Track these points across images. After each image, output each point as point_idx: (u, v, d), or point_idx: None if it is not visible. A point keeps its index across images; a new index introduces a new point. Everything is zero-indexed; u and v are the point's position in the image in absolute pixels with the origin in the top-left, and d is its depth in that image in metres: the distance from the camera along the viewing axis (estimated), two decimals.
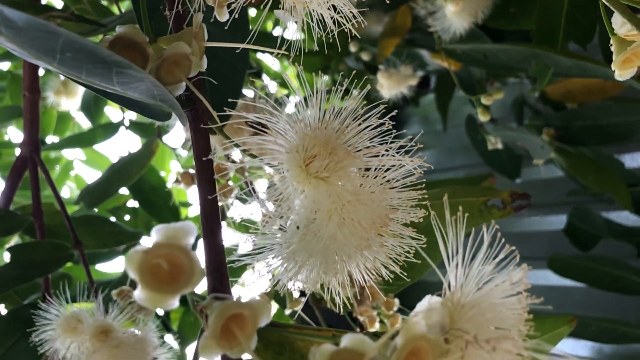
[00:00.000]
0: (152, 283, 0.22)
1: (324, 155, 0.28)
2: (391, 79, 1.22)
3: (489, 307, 0.25)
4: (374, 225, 0.29)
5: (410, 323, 0.24)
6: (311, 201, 0.30)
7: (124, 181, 1.12)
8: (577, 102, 1.33)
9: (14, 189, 0.98)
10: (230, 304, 0.24)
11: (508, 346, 0.24)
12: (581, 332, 1.38)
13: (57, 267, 0.86)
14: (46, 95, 1.60)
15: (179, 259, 0.23)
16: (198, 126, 0.34)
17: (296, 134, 0.29)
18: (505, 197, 0.59)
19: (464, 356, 0.23)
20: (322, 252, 0.30)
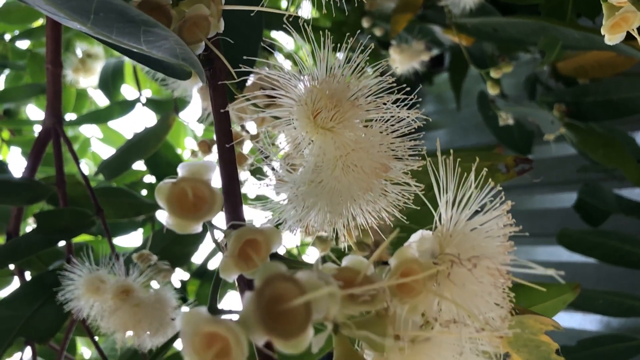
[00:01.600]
0: (178, 211, 0.25)
1: (330, 107, 0.31)
2: (403, 54, 1.24)
3: (474, 236, 0.28)
4: (375, 171, 0.32)
5: (403, 248, 0.27)
6: (319, 149, 0.33)
7: (141, 154, 1.16)
8: (589, 77, 1.33)
9: (38, 160, 1.02)
10: (246, 230, 0.27)
11: (487, 263, 0.26)
12: (590, 306, 1.40)
13: (79, 232, 0.90)
14: (65, 73, 1.64)
15: (201, 191, 0.26)
16: (216, 83, 0.37)
17: (304, 88, 0.32)
18: (509, 162, 0.62)
19: (450, 274, 0.26)
20: (328, 195, 0.33)
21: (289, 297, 0.19)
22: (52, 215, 0.91)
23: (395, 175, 0.33)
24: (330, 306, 0.21)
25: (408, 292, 0.26)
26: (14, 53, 1.79)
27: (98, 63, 1.71)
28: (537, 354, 0.47)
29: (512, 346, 0.47)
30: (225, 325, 0.19)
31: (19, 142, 1.81)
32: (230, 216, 0.32)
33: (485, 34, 1.00)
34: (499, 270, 0.26)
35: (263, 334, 0.19)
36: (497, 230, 0.28)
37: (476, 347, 0.27)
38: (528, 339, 0.46)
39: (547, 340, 0.46)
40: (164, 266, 0.83)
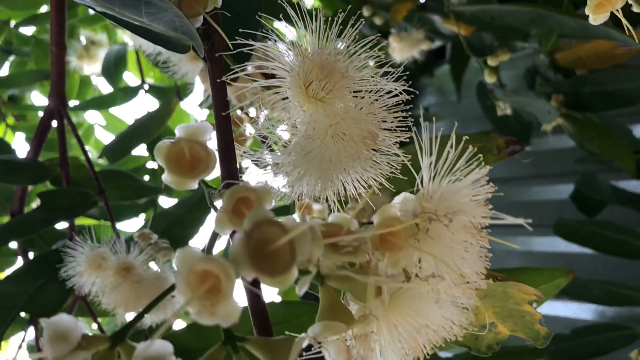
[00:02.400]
0: (176, 169, 0.27)
1: (321, 78, 0.33)
2: (403, 42, 1.25)
3: (453, 196, 0.30)
4: (363, 140, 0.34)
5: (386, 207, 0.29)
6: (310, 119, 0.34)
7: (143, 137, 1.18)
8: (587, 68, 1.34)
9: (42, 141, 1.03)
10: (239, 188, 0.29)
11: (462, 218, 0.28)
12: (585, 295, 1.42)
13: (82, 212, 0.92)
14: (69, 59, 1.66)
15: (197, 151, 0.28)
16: (213, 56, 0.39)
17: (297, 60, 0.34)
18: (500, 143, 0.63)
19: (428, 230, 0.28)
20: (319, 163, 0.34)
21: (275, 239, 0.21)
22: (56, 195, 0.93)
23: (383, 144, 0.34)
24: (314, 250, 0.23)
25: (390, 247, 0.28)
26: (18, 39, 1.80)
27: (101, 50, 1.73)
28: (522, 324, 0.49)
29: (497, 317, 0.49)
30: (217, 263, 0.21)
31: (23, 127, 1.82)
32: (226, 175, 0.34)
33: (482, 23, 1.02)
34: (474, 225, 0.28)
35: (251, 272, 0.21)
36: (475, 191, 0.30)
37: (453, 299, 0.28)
38: (513, 310, 0.48)
39: (531, 310, 0.48)
40: (164, 244, 0.85)
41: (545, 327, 0.49)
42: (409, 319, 0.27)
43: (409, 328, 0.27)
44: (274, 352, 0.25)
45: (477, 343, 0.51)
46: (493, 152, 0.64)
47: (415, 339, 0.27)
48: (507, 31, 1.03)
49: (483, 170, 0.30)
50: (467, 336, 0.51)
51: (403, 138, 0.35)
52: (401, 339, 0.27)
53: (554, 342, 1.47)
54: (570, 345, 1.42)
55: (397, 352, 0.27)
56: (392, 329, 0.27)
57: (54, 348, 0.23)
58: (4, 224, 0.90)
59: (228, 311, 0.21)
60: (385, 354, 0.28)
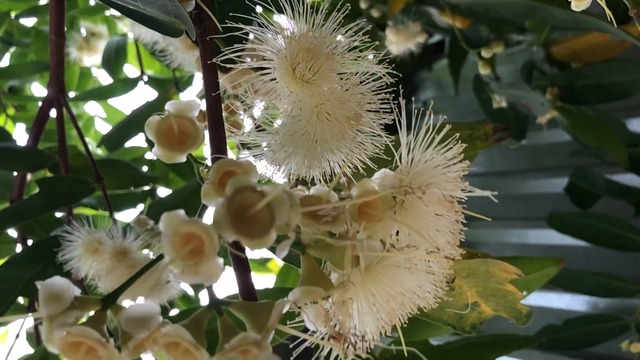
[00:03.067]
0: (165, 143, 0.29)
1: (307, 59, 0.34)
2: (399, 34, 1.26)
3: (428, 171, 0.31)
4: (348, 120, 0.35)
5: (364, 181, 0.31)
6: (297, 99, 0.36)
7: (141, 126, 1.18)
8: (582, 62, 1.36)
9: (41, 129, 1.05)
10: (225, 161, 0.30)
11: (435, 191, 0.30)
12: (577, 286, 1.43)
13: (80, 198, 0.94)
14: (69, 51, 1.68)
15: (186, 126, 0.29)
16: (205, 39, 0.40)
17: (285, 43, 0.35)
18: (488, 130, 0.65)
19: (404, 202, 0.29)
20: (305, 142, 0.36)
21: (255, 204, 0.23)
22: (54, 181, 0.94)
23: (367, 125, 0.36)
24: (292, 215, 0.24)
25: (368, 219, 0.29)
26: (19, 30, 1.81)
27: (102, 42, 1.74)
28: (504, 303, 0.51)
29: (480, 296, 0.51)
30: (200, 225, 0.23)
31: (23, 118, 1.84)
32: (214, 149, 0.35)
33: (477, 15, 1.03)
34: (447, 198, 0.30)
35: (232, 234, 0.22)
36: (450, 168, 0.32)
37: (428, 269, 0.30)
38: (495, 289, 0.50)
39: (513, 289, 0.50)
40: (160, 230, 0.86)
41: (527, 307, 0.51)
42: (384, 286, 0.29)
43: (385, 295, 0.29)
44: (256, 314, 0.27)
45: (461, 322, 0.52)
46: (481, 138, 0.65)
47: (391, 306, 0.29)
48: (501, 23, 1.04)
49: (458, 148, 0.31)
50: (451, 315, 0.53)
51: (387, 120, 0.37)
52: (377, 305, 0.29)
53: (547, 333, 1.50)
54: (563, 336, 1.44)
55: (373, 317, 0.29)
56: (369, 296, 0.29)
57: (48, 307, 0.25)
58: (3, 210, 0.92)
59: (210, 270, 0.23)
60: (362, 319, 0.29)
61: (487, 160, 2.09)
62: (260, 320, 0.26)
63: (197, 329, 0.27)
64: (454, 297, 0.50)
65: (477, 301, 0.50)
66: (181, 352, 0.25)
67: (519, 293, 0.50)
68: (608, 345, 1.41)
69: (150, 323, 0.26)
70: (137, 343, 0.26)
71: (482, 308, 0.51)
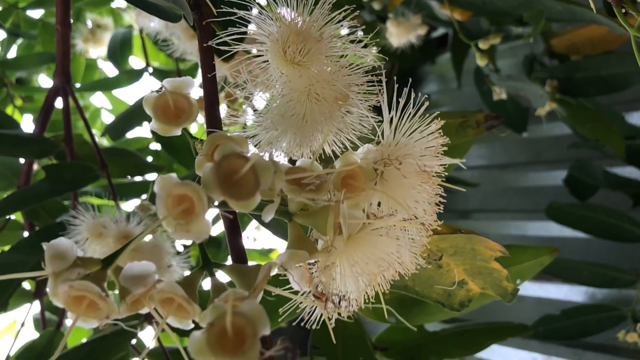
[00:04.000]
0: (162, 117, 0.31)
1: (297, 42, 0.37)
2: (400, 27, 1.28)
3: (407, 145, 0.33)
4: (336, 100, 0.38)
5: (347, 154, 0.33)
6: (288, 80, 0.38)
7: (145, 116, 1.21)
8: (581, 54, 1.37)
9: (47, 117, 1.07)
10: (218, 135, 0.32)
11: (411, 161, 0.32)
12: (574, 277, 1.45)
13: (85, 184, 0.96)
14: (75, 42, 1.70)
15: (181, 102, 0.31)
16: (202, 24, 0.42)
17: (277, 27, 0.37)
18: (479, 118, 0.67)
19: (383, 173, 0.32)
20: (296, 121, 0.38)
21: (241, 169, 0.25)
22: (60, 168, 0.97)
23: (354, 104, 0.38)
24: (275, 181, 0.26)
25: (351, 190, 0.31)
26: (26, 22, 1.83)
27: (107, 34, 1.76)
28: (491, 281, 0.53)
29: (467, 274, 0.53)
30: (190, 187, 0.25)
31: (30, 108, 1.86)
32: (209, 124, 0.38)
33: (475, 7, 1.04)
34: (421, 168, 0.32)
35: (219, 195, 0.24)
36: (429, 142, 0.34)
37: (408, 237, 0.32)
38: (481, 267, 0.52)
39: (498, 267, 0.52)
40: None
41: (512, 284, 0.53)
42: (365, 252, 0.31)
43: (366, 260, 0.31)
44: (245, 275, 0.29)
45: (450, 300, 0.54)
46: (473, 127, 0.67)
47: (371, 270, 0.31)
48: (498, 15, 1.05)
49: (437, 124, 0.33)
50: (440, 293, 0.55)
51: (373, 101, 0.39)
52: (358, 269, 0.31)
53: (544, 323, 1.51)
54: (560, 326, 1.46)
55: (354, 280, 0.31)
56: (351, 261, 0.31)
57: (53, 264, 0.27)
58: (10, 195, 0.94)
59: (200, 228, 0.25)
60: (344, 281, 0.31)
61: (488, 153, 2.11)
62: (249, 281, 0.29)
63: (190, 286, 0.29)
64: (441, 274, 0.52)
65: (465, 279, 0.52)
66: (175, 307, 0.27)
67: (504, 271, 0.52)
68: (605, 335, 1.43)
69: (147, 280, 0.28)
70: (134, 298, 0.28)
71: (469, 286, 0.53)
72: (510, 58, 1.91)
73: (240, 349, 0.22)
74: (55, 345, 1.09)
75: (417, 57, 2.07)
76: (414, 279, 0.52)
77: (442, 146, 0.33)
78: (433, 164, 0.33)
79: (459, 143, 0.70)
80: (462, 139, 0.67)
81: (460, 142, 0.68)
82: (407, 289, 0.53)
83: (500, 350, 1.59)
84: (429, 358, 0.94)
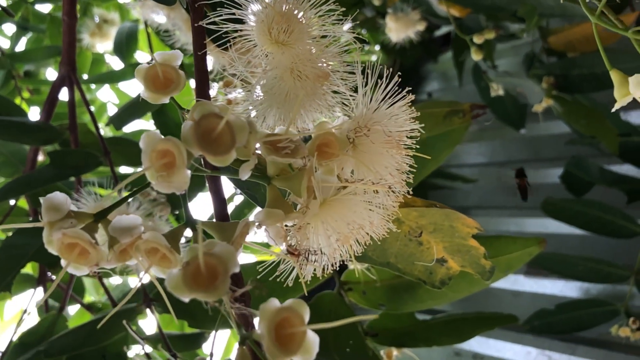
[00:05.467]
0: (152, 87, 0.33)
1: (281, 22, 0.39)
2: (399, 22, 1.30)
3: (381, 116, 0.36)
4: (317, 78, 0.40)
5: (322, 122, 0.35)
6: (273, 58, 0.41)
7: (149, 106, 1.24)
8: (577, 52, 1.39)
9: (53, 106, 1.10)
10: (204, 102, 0.35)
11: (378, 127, 0.34)
12: (569, 272, 1.47)
13: (88, 170, 0.99)
14: (82, 37, 1.73)
15: (170, 73, 0.34)
16: (194, 7, 0.45)
17: (262, 9, 0.40)
18: (465, 108, 0.69)
19: (354, 140, 0.34)
20: (280, 97, 0.41)
21: (218, 127, 0.27)
22: (65, 154, 1.00)
23: (334, 83, 0.41)
24: (250, 140, 0.29)
25: (325, 157, 0.34)
26: (34, 16, 1.87)
27: (114, 28, 1.79)
28: (469, 258, 0.55)
29: (447, 251, 0.55)
30: (172, 142, 0.27)
31: (37, 101, 1.90)
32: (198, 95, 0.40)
33: (470, 3, 1.07)
34: (387, 134, 0.34)
35: (197, 149, 0.27)
36: (397, 113, 0.36)
37: (377, 203, 0.34)
38: (460, 244, 0.54)
39: (475, 244, 0.54)
40: (162, 200, 0.92)
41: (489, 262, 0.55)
42: (338, 213, 0.33)
43: (338, 221, 0.33)
44: (224, 231, 0.32)
45: (431, 278, 0.57)
46: (459, 116, 0.70)
47: (342, 229, 0.33)
48: (494, 10, 1.08)
49: (408, 98, 0.36)
50: (421, 270, 0.57)
51: (352, 81, 0.41)
52: (329, 228, 0.33)
53: (539, 317, 1.53)
54: (555, 320, 1.48)
55: (326, 238, 0.33)
56: (324, 221, 0.33)
57: (49, 215, 0.30)
58: (15, 179, 0.97)
59: (180, 180, 0.27)
60: (317, 239, 0.34)
61: (488, 151, 2.13)
62: (227, 236, 0.31)
63: (174, 239, 0.31)
64: (422, 252, 0.55)
65: (444, 256, 0.54)
66: (159, 257, 0.30)
67: (481, 248, 0.54)
68: (598, 330, 1.44)
69: (134, 231, 0.31)
70: (121, 247, 0.31)
71: (449, 264, 0.55)
72: (513, 57, 1.94)
73: (212, 285, 0.24)
74: (58, 328, 1.12)
75: (419, 54, 2.09)
76: (397, 255, 0.55)
77: (411, 118, 0.36)
78: (398, 131, 0.35)
79: (450, 130, 0.73)
80: (449, 127, 0.70)
81: (447, 129, 0.71)
82: (390, 265, 0.55)
83: (496, 344, 1.61)
84: (418, 345, 0.96)
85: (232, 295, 0.25)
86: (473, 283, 0.85)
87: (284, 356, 0.24)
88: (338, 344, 0.85)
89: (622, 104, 0.46)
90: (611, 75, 0.48)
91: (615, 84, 0.48)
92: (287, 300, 0.25)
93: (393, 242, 0.54)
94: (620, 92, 0.47)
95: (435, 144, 0.80)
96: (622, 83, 0.48)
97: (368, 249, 0.53)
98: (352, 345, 0.83)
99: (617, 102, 0.47)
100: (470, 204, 2.08)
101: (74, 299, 1.30)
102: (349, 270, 0.90)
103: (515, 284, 1.74)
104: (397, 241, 0.54)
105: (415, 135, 0.36)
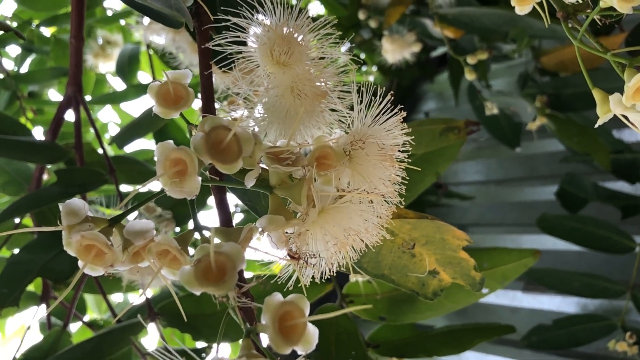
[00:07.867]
0: (163, 103, 0.36)
1: (282, 44, 0.42)
2: (395, 44, 1.34)
3: (375, 131, 0.39)
4: (316, 97, 0.43)
5: (320, 137, 0.38)
6: (274, 78, 0.44)
7: (151, 126, 1.27)
8: (569, 71, 1.43)
9: (59, 126, 1.14)
10: (211, 117, 0.38)
11: (372, 140, 0.37)
12: (566, 287, 1.49)
13: (93, 187, 1.02)
14: (85, 58, 1.77)
15: (180, 90, 0.37)
16: (201, 30, 0.48)
17: (264, 32, 0.43)
18: (460, 125, 0.72)
19: (350, 153, 0.37)
20: (281, 115, 0.44)
21: (226, 138, 0.30)
22: (70, 172, 1.02)
23: (332, 101, 0.44)
24: (255, 150, 0.32)
25: (323, 168, 0.37)
26: (39, 39, 1.91)
27: (117, 50, 1.83)
28: (460, 270, 0.57)
29: (439, 263, 0.57)
30: (184, 151, 0.30)
31: (41, 121, 1.93)
32: (205, 109, 0.43)
33: (463, 24, 1.11)
34: (381, 147, 0.37)
35: (207, 158, 0.30)
36: (391, 128, 0.39)
37: (374, 212, 0.37)
38: (451, 257, 0.56)
39: (466, 257, 0.56)
40: (167, 216, 0.95)
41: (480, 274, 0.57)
42: (335, 220, 0.36)
43: (336, 227, 0.36)
44: (230, 235, 0.34)
45: (424, 289, 0.59)
46: (454, 132, 0.73)
47: (339, 236, 0.36)
48: (486, 32, 1.11)
49: (401, 115, 0.39)
50: (414, 282, 0.59)
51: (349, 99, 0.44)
52: (327, 234, 0.36)
53: (537, 333, 1.55)
54: (552, 336, 1.49)
55: (325, 245, 0.36)
56: (322, 228, 0.36)
57: (68, 219, 0.32)
58: (23, 197, 1.00)
59: (191, 186, 0.30)
60: (316, 244, 0.36)
61: (485, 169, 2.16)
62: (233, 240, 0.34)
63: (183, 242, 0.34)
64: (415, 264, 0.57)
65: (436, 268, 0.57)
66: (169, 260, 0.33)
67: (471, 260, 0.56)
68: (596, 345, 1.46)
69: (146, 234, 0.34)
70: (135, 249, 0.33)
71: (441, 275, 0.58)
72: (508, 77, 1.98)
73: (221, 280, 0.27)
74: (62, 344, 1.13)
75: (416, 74, 2.14)
76: (390, 267, 0.57)
77: (403, 133, 0.39)
78: (391, 144, 0.38)
79: (445, 147, 0.76)
80: (445, 143, 0.73)
81: (443, 145, 0.74)
82: (384, 277, 0.57)
83: None
84: (418, 355, 0.98)
85: (239, 291, 0.28)
86: (470, 294, 0.87)
87: (287, 345, 0.26)
88: (340, 355, 0.87)
89: (604, 120, 0.49)
90: (593, 94, 0.51)
91: (597, 102, 0.51)
92: (290, 295, 0.28)
93: (387, 254, 0.56)
94: (602, 109, 0.50)
95: (432, 159, 0.83)
96: (603, 101, 0.50)
97: (363, 261, 0.55)
98: (354, 357, 0.85)
99: (600, 119, 0.50)
100: (468, 221, 2.11)
101: (76, 317, 1.32)
102: (350, 283, 0.92)
103: (513, 300, 1.75)
104: (391, 253, 0.56)
105: (407, 149, 0.39)
